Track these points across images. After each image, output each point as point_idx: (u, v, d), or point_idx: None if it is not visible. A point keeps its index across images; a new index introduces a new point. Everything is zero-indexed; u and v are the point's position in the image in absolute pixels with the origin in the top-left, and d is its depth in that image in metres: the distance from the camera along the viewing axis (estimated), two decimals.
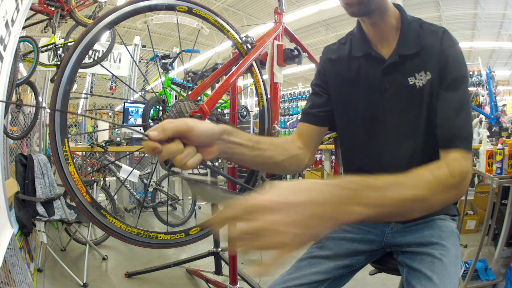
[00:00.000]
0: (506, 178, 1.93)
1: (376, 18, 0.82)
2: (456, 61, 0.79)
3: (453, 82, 0.78)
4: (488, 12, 7.73)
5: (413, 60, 0.82)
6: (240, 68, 1.26)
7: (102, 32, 0.99)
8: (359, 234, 0.92)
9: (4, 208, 1.18)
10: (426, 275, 0.74)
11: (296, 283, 0.82)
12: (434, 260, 0.77)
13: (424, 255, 0.79)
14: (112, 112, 7.33)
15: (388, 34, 0.84)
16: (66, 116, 0.96)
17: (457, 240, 0.85)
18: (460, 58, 0.80)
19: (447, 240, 0.81)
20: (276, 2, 1.60)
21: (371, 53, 0.87)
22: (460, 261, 0.81)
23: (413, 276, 0.77)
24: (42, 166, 2.52)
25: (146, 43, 5.45)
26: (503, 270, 2.03)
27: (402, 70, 0.84)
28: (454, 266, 0.76)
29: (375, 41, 0.87)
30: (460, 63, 0.79)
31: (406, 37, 0.83)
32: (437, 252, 0.78)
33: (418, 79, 0.83)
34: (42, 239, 2.16)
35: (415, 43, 0.82)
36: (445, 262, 0.76)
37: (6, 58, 1.05)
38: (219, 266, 2.21)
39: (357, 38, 0.90)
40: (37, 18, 3.00)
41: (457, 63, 0.79)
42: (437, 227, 0.85)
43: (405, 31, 0.83)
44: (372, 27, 0.85)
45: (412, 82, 0.83)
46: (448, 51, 0.79)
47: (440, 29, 0.83)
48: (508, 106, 5.77)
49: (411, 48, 0.82)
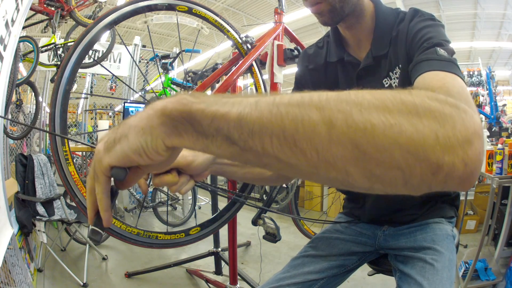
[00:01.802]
0: (506, 178, 1.93)
1: (352, 21, 0.76)
2: (424, 32, 0.68)
3: (422, 49, 0.65)
4: (488, 12, 7.72)
5: (387, 59, 0.76)
6: (240, 68, 1.26)
7: (102, 32, 0.99)
8: (352, 236, 0.92)
9: (4, 208, 1.18)
10: (417, 280, 0.72)
11: (290, 282, 0.82)
12: (426, 265, 0.75)
13: (416, 260, 0.77)
14: (112, 112, 7.33)
15: (364, 36, 0.79)
16: (66, 116, 0.96)
17: (452, 244, 0.83)
18: (431, 29, 0.68)
19: (440, 244, 0.79)
20: (276, 2, 1.60)
21: (344, 58, 0.82)
22: (454, 264, 0.78)
23: (404, 281, 0.76)
24: (42, 166, 2.52)
25: (146, 43, 5.45)
26: (503, 270, 2.03)
27: (378, 72, 0.78)
28: (447, 271, 0.74)
29: (353, 44, 0.81)
30: (430, 31, 0.67)
31: (380, 36, 0.76)
32: (429, 257, 0.76)
33: (393, 78, 0.76)
34: (42, 239, 2.16)
35: (388, 38, 0.75)
36: (437, 267, 0.74)
37: (6, 58, 1.05)
38: (219, 266, 2.21)
39: (332, 42, 0.85)
40: (37, 18, 3.00)
41: (426, 33, 0.68)
42: (431, 231, 0.83)
43: (378, 30, 0.76)
44: (348, 30, 0.79)
45: (387, 83, 0.77)
46: (414, 27, 0.70)
47: (410, 11, 0.75)
48: (508, 106, 5.78)
49: (384, 47, 0.76)
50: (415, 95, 0.30)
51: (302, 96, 0.30)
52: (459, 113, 0.30)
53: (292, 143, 0.29)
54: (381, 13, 0.77)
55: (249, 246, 3.01)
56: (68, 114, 0.98)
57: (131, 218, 3.78)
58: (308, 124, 0.28)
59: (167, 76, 3.25)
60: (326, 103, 0.29)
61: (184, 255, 2.67)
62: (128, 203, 3.89)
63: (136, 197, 3.64)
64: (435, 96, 0.31)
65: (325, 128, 0.28)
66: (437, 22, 0.70)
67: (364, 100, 0.29)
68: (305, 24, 8.28)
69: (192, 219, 3.66)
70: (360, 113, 0.28)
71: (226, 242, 1.80)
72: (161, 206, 3.68)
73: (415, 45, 0.68)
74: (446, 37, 0.67)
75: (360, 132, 0.27)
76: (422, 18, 0.71)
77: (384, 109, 0.28)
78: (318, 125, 0.28)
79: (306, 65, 0.91)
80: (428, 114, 0.29)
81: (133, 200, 3.88)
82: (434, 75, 0.57)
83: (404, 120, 0.28)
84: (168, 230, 1.11)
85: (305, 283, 0.82)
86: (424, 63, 0.61)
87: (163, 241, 1.08)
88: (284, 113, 0.29)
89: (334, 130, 0.28)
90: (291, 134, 0.29)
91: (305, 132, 0.28)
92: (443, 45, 0.63)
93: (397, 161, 0.28)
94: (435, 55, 0.61)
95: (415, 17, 0.72)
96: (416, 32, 0.69)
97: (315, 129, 0.28)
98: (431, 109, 0.29)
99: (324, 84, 0.86)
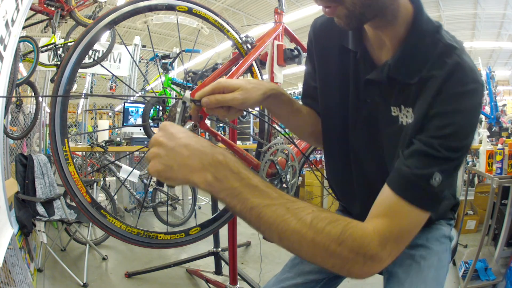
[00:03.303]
0: (506, 178, 1.93)
1: (378, 24, 0.63)
2: (446, 122, 0.55)
3: (426, 145, 0.55)
4: (488, 12, 7.73)
5: (405, 91, 0.63)
6: (240, 68, 1.26)
7: (102, 32, 0.99)
8: None
9: (4, 208, 1.18)
10: (400, 278, 0.70)
11: (292, 283, 0.81)
12: (413, 263, 0.72)
13: (405, 257, 0.74)
14: (112, 112, 7.34)
15: (390, 41, 0.65)
16: (66, 116, 0.96)
17: (447, 244, 0.80)
18: (459, 118, 0.55)
19: (434, 243, 0.77)
20: (276, 2, 1.60)
21: (357, 54, 0.71)
22: (445, 265, 0.75)
23: (388, 280, 0.74)
24: (42, 166, 2.52)
25: (146, 43, 5.45)
26: (503, 270, 2.03)
27: (388, 94, 0.66)
28: (434, 270, 0.71)
29: (374, 41, 0.69)
30: (453, 124, 0.55)
31: (407, 57, 0.62)
32: (418, 254, 0.74)
33: (403, 113, 0.65)
34: (42, 239, 2.16)
35: (415, 70, 0.61)
36: (423, 265, 0.71)
37: (6, 58, 1.05)
38: (219, 266, 2.21)
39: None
40: (37, 18, 3.00)
41: (448, 124, 0.55)
42: (427, 230, 0.80)
43: (408, 48, 0.62)
44: (371, 28, 0.67)
45: (395, 113, 0.66)
46: (442, 101, 0.56)
47: (454, 57, 0.57)
48: (508, 106, 5.78)
49: (406, 75, 0.62)
50: (334, 240, 0.49)
51: (270, 221, 0.50)
52: (362, 261, 0.50)
53: (262, 232, 0.52)
54: (419, 28, 0.61)
55: (249, 246, 3.01)
56: (68, 114, 0.98)
57: (131, 218, 3.78)
58: (270, 235, 0.51)
59: (167, 76, 3.25)
60: (283, 232, 0.50)
61: (184, 255, 2.67)
62: (128, 203, 3.89)
63: (136, 197, 3.64)
64: (350, 243, 0.49)
65: (277, 239, 0.51)
66: (473, 104, 0.56)
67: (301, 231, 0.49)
68: (305, 24, 8.27)
69: (192, 219, 3.66)
70: (293, 244, 0.51)
71: (226, 242, 1.80)
72: (161, 206, 3.68)
73: (428, 124, 0.57)
74: (469, 134, 0.56)
75: (292, 250, 0.52)
76: (458, 91, 0.55)
77: (311, 240, 0.49)
78: (274, 236, 0.51)
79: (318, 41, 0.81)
80: (336, 255, 0.49)
81: (133, 200, 3.87)
82: (394, 200, 0.54)
83: (320, 252, 0.49)
84: (168, 230, 1.11)
85: (307, 284, 0.82)
86: (405, 173, 0.55)
87: (163, 241, 1.08)
88: (261, 222, 0.51)
89: (281, 243, 0.52)
90: (261, 230, 0.51)
91: (270, 235, 0.51)
92: (448, 162, 0.55)
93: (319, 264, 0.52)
94: (423, 181, 0.54)
95: (451, 78, 0.56)
96: (439, 114, 0.56)
97: (273, 237, 0.51)
98: (338, 253, 0.49)
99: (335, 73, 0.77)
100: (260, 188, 0.51)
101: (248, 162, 1.22)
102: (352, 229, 0.50)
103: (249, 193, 0.50)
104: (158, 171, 0.51)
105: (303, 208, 0.51)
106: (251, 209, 0.49)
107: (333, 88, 0.78)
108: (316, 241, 0.49)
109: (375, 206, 0.57)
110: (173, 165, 0.51)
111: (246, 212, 0.50)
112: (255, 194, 0.50)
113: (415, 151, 0.56)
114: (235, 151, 1.20)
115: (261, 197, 0.50)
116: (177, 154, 0.51)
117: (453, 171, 0.57)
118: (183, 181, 0.52)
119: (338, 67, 0.76)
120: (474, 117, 0.56)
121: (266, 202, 0.50)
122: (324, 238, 0.49)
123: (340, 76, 0.76)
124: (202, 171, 0.50)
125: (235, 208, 0.51)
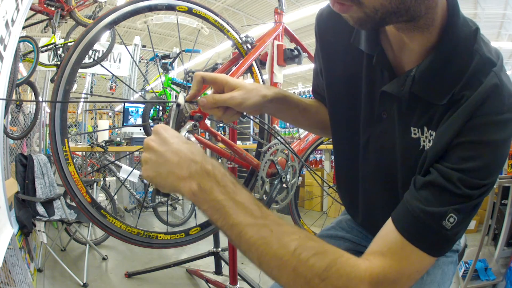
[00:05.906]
0: (506, 178, 1.93)
1: (402, 27, 0.51)
2: (469, 155, 0.48)
3: (444, 176, 0.48)
4: (488, 12, 7.73)
5: (429, 111, 0.53)
6: (240, 68, 1.26)
7: (102, 32, 0.99)
8: (357, 237, 0.90)
9: (4, 208, 1.18)
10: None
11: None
12: None
13: None
14: (112, 112, 7.33)
15: (414, 47, 0.54)
16: (66, 116, 0.96)
17: (452, 257, 0.76)
18: (486, 152, 0.47)
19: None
20: (276, 2, 1.60)
21: (374, 58, 0.58)
22: (449, 278, 0.72)
23: None
24: (42, 166, 2.52)
25: (146, 43, 5.45)
26: (503, 270, 2.03)
27: (409, 110, 0.56)
28: (437, 285, 0.68)
29: (394, 42, 0.57)
30: (478, 158, 0.47)
31: (436, 72, 0.51)
32: None
33: (425, 136, 0.55)
34: (42, 239, 2.16)
35: (444, 89, 0.51)
36: (425, 280, 0.68)
37: (6, 58, 1.05)
38: (219, 266, 2.21)
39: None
40: (37, 18, 3.00)
41: (472, 157, 0.47)
42: None
43: (438, 60, 0.51)
44: (395, 29, 0.54)
45: (415, 135, 0.56)
46: (469, 130, 0.48)
47: (492, 76, 0.48)
48: None
49: (433, 95, 0.52)
50: (317, 274, 0.45)
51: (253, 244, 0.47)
52: None
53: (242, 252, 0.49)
54: (454, 34, 0.50)
55: None
56: (68, 114, 0.98)
57: (131, 218, 3.78)
58: (249, 256, 0.48)
59: (167, 76, 3.25)
60: (263, 255, 0.46)
61: (184, 255, 2.67)
62: (128, 203, 3.89)
63: (136, 197, 3.64)
64: (334, 281, 0.45)
65: (257, 262, 0.47)
66: (504, 137, 0.48)
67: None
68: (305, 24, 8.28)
69: (192, 219, 3.66)
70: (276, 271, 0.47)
71: (226, 242, 1.80)
72: (161, 206, 3.68)
73: (450, 152, 0.49)
74: (495, 172, 0.49)
75: (271, 276, 0.48)
76: (491, 120, 0.47)
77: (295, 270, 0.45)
78: (254, 258, 0.47)
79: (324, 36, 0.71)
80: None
81: (133, 200, 3.88)
82: (396, 238, 0.49)
83: (300, 284, 0.45)
84: (168, 230, 1.11)
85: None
86: (413, 208, 0.49)
87: (163, 241, 1.08)
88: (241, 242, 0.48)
89: (260, 266, 0.48)
90: (241, 250, 0.48)
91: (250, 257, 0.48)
92: (466, 201, 0.47)
93: None
94: (434, 221, 0.47)
95: (486, 103, 0.48)
96: (465, 143, 0.48)
97: (253, 259, 0.48)
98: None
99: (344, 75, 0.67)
100: (244, 205, 0.48)
101: (248, 162, 1.22)
102: (340, 265, 0.45)
103: (232, 209, 0.47)
104: (150, 177, 0.51)
105: (289, 233, 0.47)
106: (232, 226, 0.47)
107: (341, 96, 0.69)
108: (298, 272, 0.45)
109: (375, 241, 0.52)
110: (162, 172, 0.50)
111: (227, 229, 0.48)
112: (238, 211, 0.47)
113: (430, 182, 0.49)
114: (235, 151, 1.20)
115: (244, 215, 0.47)
116: (166, 161, 0.50)
117: (471, 211, 0.49)
118: (171, 188, 0.51)
119: (346, 70, 0.66)
120: (503, 153, 0.48)
121: (249, 221, 0.47)
122: (307, 270, 0.44)
123: (348, 81, 0.66)
124: (189, 180, 0.49)
125: (216, 223, 0.48)
